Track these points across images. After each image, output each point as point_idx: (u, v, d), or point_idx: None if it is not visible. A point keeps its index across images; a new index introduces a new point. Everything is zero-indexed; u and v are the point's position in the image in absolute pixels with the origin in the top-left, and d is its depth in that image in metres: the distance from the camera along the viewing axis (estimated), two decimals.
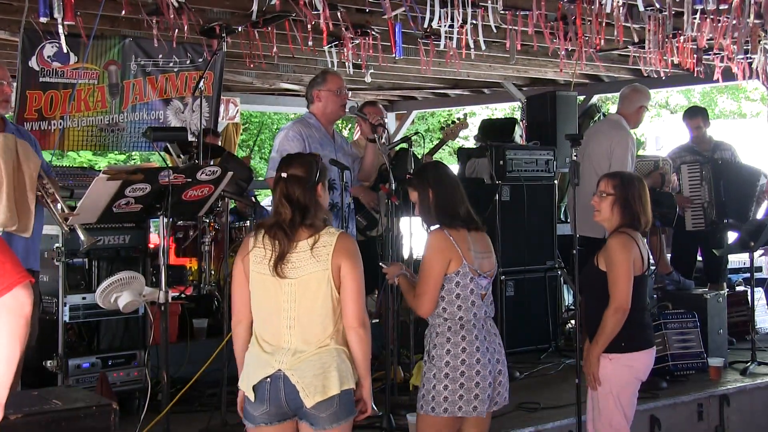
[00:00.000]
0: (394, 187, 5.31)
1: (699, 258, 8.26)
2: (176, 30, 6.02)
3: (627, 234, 4.52)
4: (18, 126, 4.88)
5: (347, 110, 5.76)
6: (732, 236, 7.83)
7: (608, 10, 5.88)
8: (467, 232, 4.15)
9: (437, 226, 4.17)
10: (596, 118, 9.71)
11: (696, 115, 8.13)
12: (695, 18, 6.11)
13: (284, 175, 3.61)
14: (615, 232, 4.57)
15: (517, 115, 12.95)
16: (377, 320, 6.18)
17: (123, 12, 5.50)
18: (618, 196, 4.58)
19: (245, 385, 3.54)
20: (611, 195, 4.59)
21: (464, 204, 4.20)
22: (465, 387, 3.98)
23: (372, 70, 7.65)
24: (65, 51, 6.75)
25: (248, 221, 7.24)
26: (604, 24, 6.27)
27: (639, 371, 4.54)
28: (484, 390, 4.00)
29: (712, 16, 6.15)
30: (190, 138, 6.88)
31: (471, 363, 4.00)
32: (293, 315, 3.50)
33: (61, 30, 5.23)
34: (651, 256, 4.70)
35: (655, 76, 7.62)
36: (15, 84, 6.89)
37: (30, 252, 4.75)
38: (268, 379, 3.47)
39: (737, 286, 8.45)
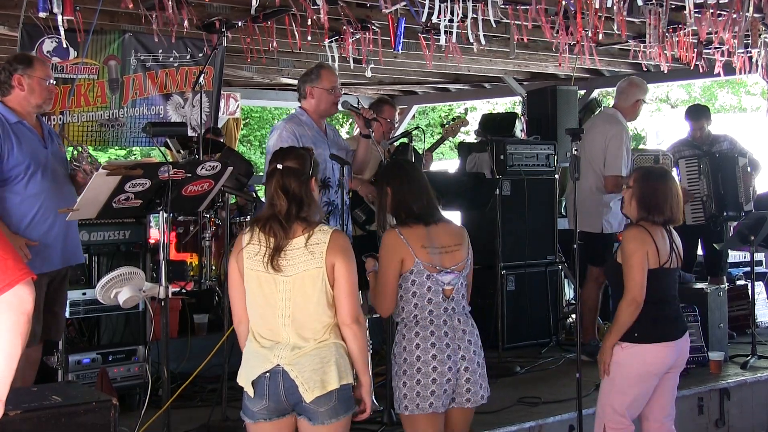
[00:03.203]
0: None
1: (699, 252, 8.25)
2: (176, 25, 6.01)
3: (642, 227, 4.54)
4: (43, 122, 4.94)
5: (340, 105, 5.73)
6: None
7: (609, 4, 5.88)
8: (425, 227, 4.06)
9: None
10: (597, 112, 9.70)
11: (700, 117, 8.11)
12: (696, 12, 6.11)
13: (279, 166, 3.59)
14: (631, 224, 4.64)
15: (518, 109, 12.94)
16: (377, 315, 6.17)
17: (130, 5, 5.47)
18: (635, 189, 4.61)
19: (244, 381, 3.53)
20: (630, 188, 4.65)
21: (423, 198, 4.09)
22: (421, 383, 3.94)
23: (372, 65, 7.65)
24: (65, 46, 6.75)
25: (248, 216, 7.24)
26: (604, 18, 6.27)
27: (651, 364, 4.50)
28: (440, 386, 3.94)
29: (712, 10, 6.14)
30: (190, 133, 6.88)
31: (426, 359, 3.94)
32: (288, 312, 3.49)
33: (60, 25, 5.23)
34: (679, 252, 4.68)
35: (656, 71, 7.61)
36: None
37: (78, 244, 4.92)
38: (267, 374, 3.46)
39: (738, 280, 8.45)
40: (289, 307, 3.49)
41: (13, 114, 4.57)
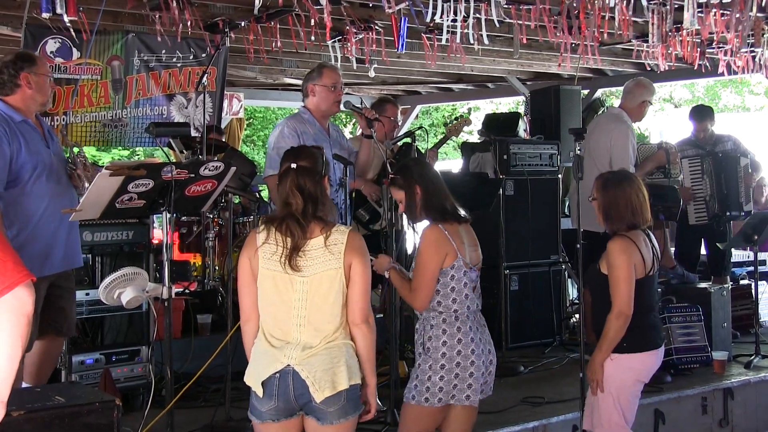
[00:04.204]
0: None
1: (703, 251, 8.24)
2: (179, 25, 6.01)
3: (626, 237, 4.47)
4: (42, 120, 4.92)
5: (342, 105, 5.73)
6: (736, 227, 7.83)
7: (611, 4, 5.87)
8: (458, 225, 4.19)
9: (427, 222, 4.20)
10: (600, 112, 9.69)
11: (704, 118, 8.11)
12: (699, 12, 6.09)
13: (294, 165, 3.58)
14: (615, 235, 4.53)
15: (521, 109, 12.93)
16: (381, 315, 6.18)
17: (129, 7, 5.48)
18: (599, 200, 4.58)
19: (253, 381, 3.52)
20: (595, 199, 4.62)
21: (449, 198, 4.25)
22: (460, 376, 4.06)
23: (375, 65, 7.65)
24: (69, 46, 6.76)
25: (252, 216, 7.24)
26: (607, 18, 6.26)
27: (640, 373, 4.51)
28: (477, 379, 4.09)
29: (715, 10, 6.13)
30: (193, 133, 6.89)
31: (466, 353, 4.07)
32: (304, 313, 3.48)
33: (67, 24, 5.23)
34: (658, 255, 4.63)
35: (659, 71, 7.59)
36: None
37: (78, 247, 4.91)
38: (277, 374, 3.45)
39: (741, 279, 8.44)
40: (305, 307, 3.48)
41: (17, 113, 4.55)
